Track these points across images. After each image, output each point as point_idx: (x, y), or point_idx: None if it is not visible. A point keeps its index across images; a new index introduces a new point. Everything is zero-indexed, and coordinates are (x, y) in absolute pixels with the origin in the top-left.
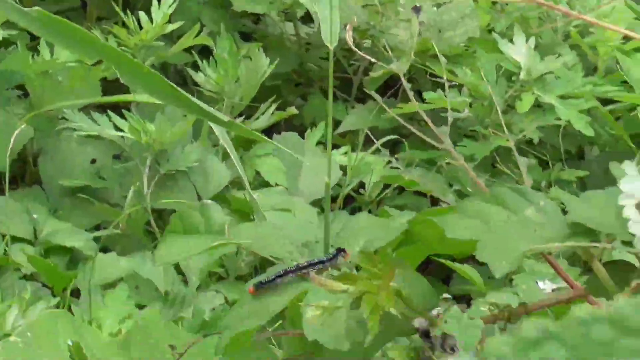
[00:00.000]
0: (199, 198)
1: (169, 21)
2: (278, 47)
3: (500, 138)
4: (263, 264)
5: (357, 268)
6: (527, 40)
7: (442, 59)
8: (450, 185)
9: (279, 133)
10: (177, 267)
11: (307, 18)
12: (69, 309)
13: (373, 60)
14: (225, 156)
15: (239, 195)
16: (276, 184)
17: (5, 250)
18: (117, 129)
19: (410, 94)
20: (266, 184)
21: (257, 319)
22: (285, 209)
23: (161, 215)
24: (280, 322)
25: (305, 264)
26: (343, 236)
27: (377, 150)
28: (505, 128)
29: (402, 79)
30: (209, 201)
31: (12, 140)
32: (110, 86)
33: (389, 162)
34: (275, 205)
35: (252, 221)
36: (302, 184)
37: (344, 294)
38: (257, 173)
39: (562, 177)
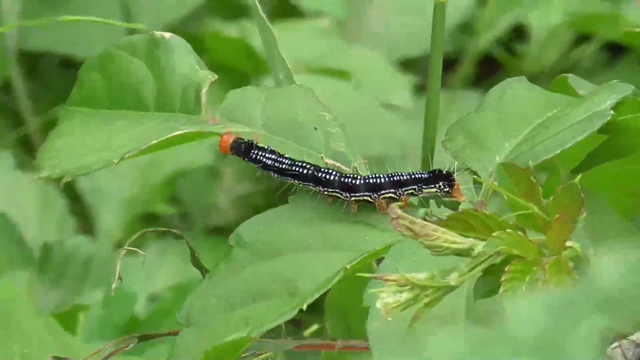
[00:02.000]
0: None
1: None
2: None
3: None
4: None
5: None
6: None
7: None
8: None
9: None
10: (71, 191)
11: None
12: None
13: None
14: None
15: (224, 28)
16: (318, 13)
17: None
18: None
19: None
20: (293, 12)
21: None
22: (337, 70)
23: (36, 64)
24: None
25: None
26: (469, 133)
27: None
28: None
29: None
30: (166, 33)
31: None
32: None
33: None
34: (313, 60)
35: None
36: (375, 18)
37: (463, 261)
38: None
39: None
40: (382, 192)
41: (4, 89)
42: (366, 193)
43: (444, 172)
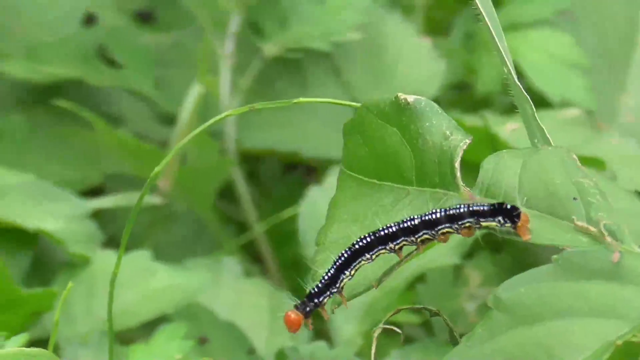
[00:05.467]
0: None
1: None
2: None
3: None
4: None
5: None
6: None
7: None
8: None
9: None
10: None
11: None
12: None
13: None
14: None
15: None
16: (565, 104)
17: None
18: None
19: None
20: (541, 103)
21: None
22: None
23: (258, 169)
24: None
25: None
26: None
27: None
28: None
29: None
30: (409, 97)
31: None
32: None
33: None
34: None
35: None
36: (627, 106)
37: None
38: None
39: None
40: (439, 227)
41: (225, 195)
42: (425, 231)
43: (508, 206)
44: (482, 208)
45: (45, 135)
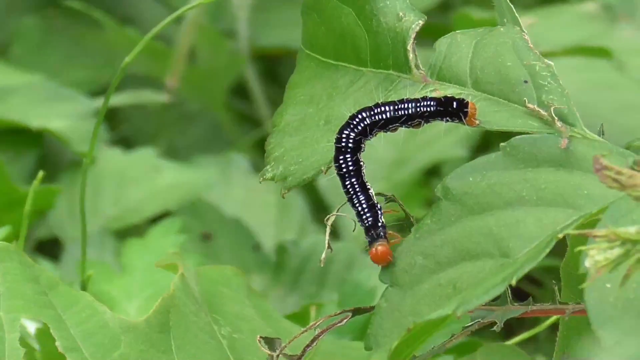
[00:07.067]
0: None
1: None
2: None
3: None
4: None
5: None
6: None
7: None
8: None
9: None
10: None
11: None
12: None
13: None
14: None
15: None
16: None
17: None
18: None
19: None
20: None
21: None
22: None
23: (275, 69)
24: None
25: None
26: None
27: None
28: None
29: None
30: None
31: None
32: None
33: None
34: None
35: None
36: None
37: None
38: None
39: None
40: (390, 126)
41: (239, 92)
42: (376, 129)
43: (455, 104)
44: (429, 109)
45: (58, 36)
